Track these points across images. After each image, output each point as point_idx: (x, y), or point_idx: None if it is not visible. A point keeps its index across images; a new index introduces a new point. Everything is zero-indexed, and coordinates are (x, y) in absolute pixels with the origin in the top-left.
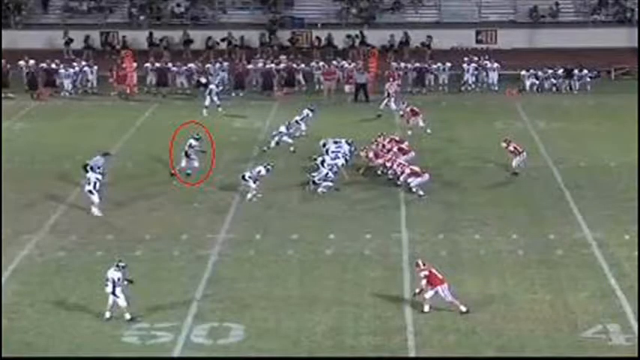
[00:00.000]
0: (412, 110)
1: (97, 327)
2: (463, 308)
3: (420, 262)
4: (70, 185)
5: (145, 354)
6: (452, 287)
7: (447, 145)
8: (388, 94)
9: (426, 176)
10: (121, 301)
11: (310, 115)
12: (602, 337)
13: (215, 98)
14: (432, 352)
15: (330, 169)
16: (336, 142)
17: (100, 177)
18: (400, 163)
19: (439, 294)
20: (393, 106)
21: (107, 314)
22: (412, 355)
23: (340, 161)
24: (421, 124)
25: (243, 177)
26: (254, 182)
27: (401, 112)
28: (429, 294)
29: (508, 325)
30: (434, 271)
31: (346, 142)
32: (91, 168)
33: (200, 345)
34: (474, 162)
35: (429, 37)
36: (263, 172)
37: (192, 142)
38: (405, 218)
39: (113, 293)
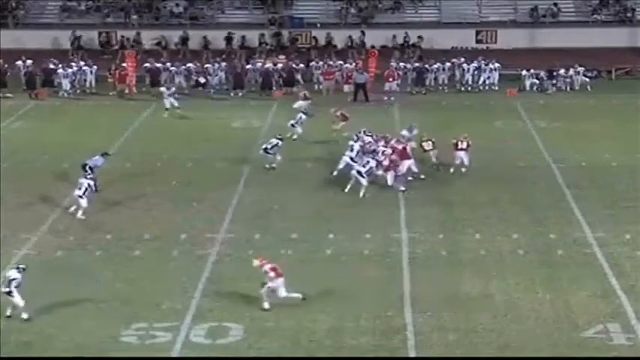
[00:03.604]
0: (342, 115)
1: (96, 327)
2: (299, 295)
3: (260, 258)
4: (69, 185)
5: (143, 354)
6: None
7: (445, 146)
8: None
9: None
10: (17, 300)
11: (304, 117)
12: (603, 336)
13: (172, 99)
14: (432, 351)
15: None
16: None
17: (92, 183)
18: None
19: (277, 288)
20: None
21: (8, 312)
22: (412, 354)
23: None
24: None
25: (359, 173)
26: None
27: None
28: (271, 285)
29: (509, 325)
30: (275, 265)
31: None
32: (90, 168)
33: (199, 345)
34: (473, 160)
35: (420, 37)
36: (373, 164)
37: (279, 142)
38: (404, 218)
39: (8, 293)
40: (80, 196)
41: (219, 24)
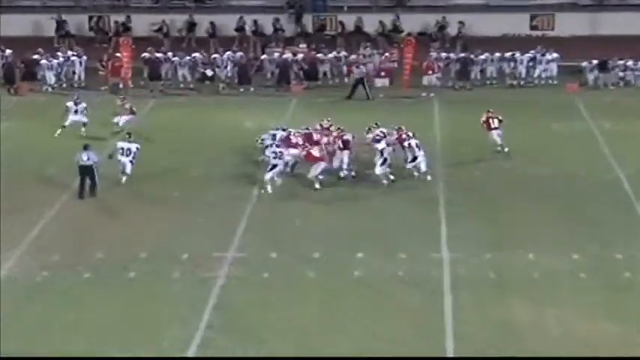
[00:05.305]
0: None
1: (85, 355)
2: None
3: None
4: (56, 192)
5: None
6: None
7: (493, 152)
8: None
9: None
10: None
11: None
12: None
13: (80, 117)
14: None
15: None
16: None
17: (139, 146)
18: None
19: None
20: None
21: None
22: None
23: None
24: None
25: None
26: None
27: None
28: None
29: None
30: None
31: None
32: (91, 168)
33: None
34: (525, 169)
35: (461, 22)
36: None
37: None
38: (445, 235)
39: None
40: (131, 162)
41: (229, 7)
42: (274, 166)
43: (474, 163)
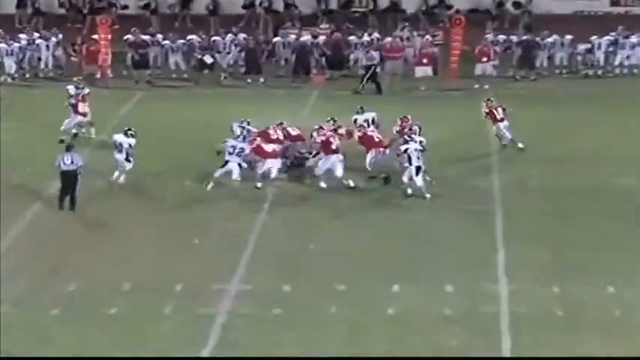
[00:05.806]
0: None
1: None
2: None
3: None
4: (23, 203)
5: None
6: None
7: (560, 158)
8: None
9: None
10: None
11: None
12: None
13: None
14: None
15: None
16: None
17: (132, 142)
18: None
19: None
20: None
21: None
22: None
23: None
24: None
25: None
26: None
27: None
28: None
29: None
30: None
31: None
32: (75, 174)
33: None
34: (603, 178)
35: None
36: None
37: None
38: (503, 263)
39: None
40: (127, 159)
41: None
42: (227, 162)
43: (539, 170)
